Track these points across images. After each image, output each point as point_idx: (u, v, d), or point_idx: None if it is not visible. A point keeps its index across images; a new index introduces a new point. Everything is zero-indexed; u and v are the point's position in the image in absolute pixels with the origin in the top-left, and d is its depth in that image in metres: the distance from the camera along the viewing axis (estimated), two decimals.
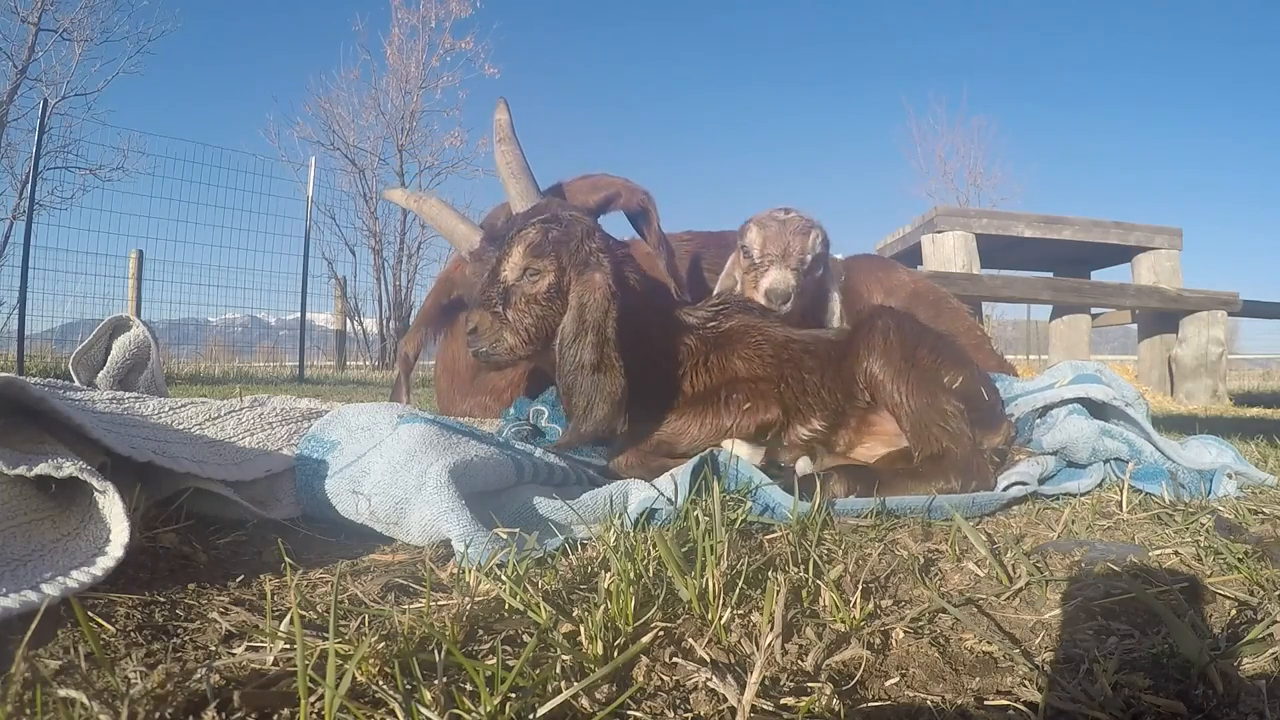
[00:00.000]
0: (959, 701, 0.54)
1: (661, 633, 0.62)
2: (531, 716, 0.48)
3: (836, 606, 0.67)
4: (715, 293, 1.80)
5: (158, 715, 0.46)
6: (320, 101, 12.76)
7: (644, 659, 0.57)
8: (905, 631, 0.65)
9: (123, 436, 0.87)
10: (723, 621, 0.63)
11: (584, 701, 0.50)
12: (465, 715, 0.47)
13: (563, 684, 0.51)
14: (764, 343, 1.34)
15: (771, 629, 0.60)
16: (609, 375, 1.20)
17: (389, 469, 0.90)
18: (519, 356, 1.29)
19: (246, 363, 9.04)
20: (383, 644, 0.55)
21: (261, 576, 0.75)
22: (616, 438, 1.28)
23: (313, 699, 0.48)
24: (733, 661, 0.59)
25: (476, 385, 2.02)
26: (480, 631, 0.62)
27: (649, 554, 0.76)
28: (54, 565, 0.64)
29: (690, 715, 0.51)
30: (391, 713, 0.47)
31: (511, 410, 1.71)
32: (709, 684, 0.53)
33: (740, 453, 1.19)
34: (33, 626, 0.54)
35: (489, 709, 0.47)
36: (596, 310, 1.22)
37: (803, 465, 1.17)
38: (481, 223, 1.90)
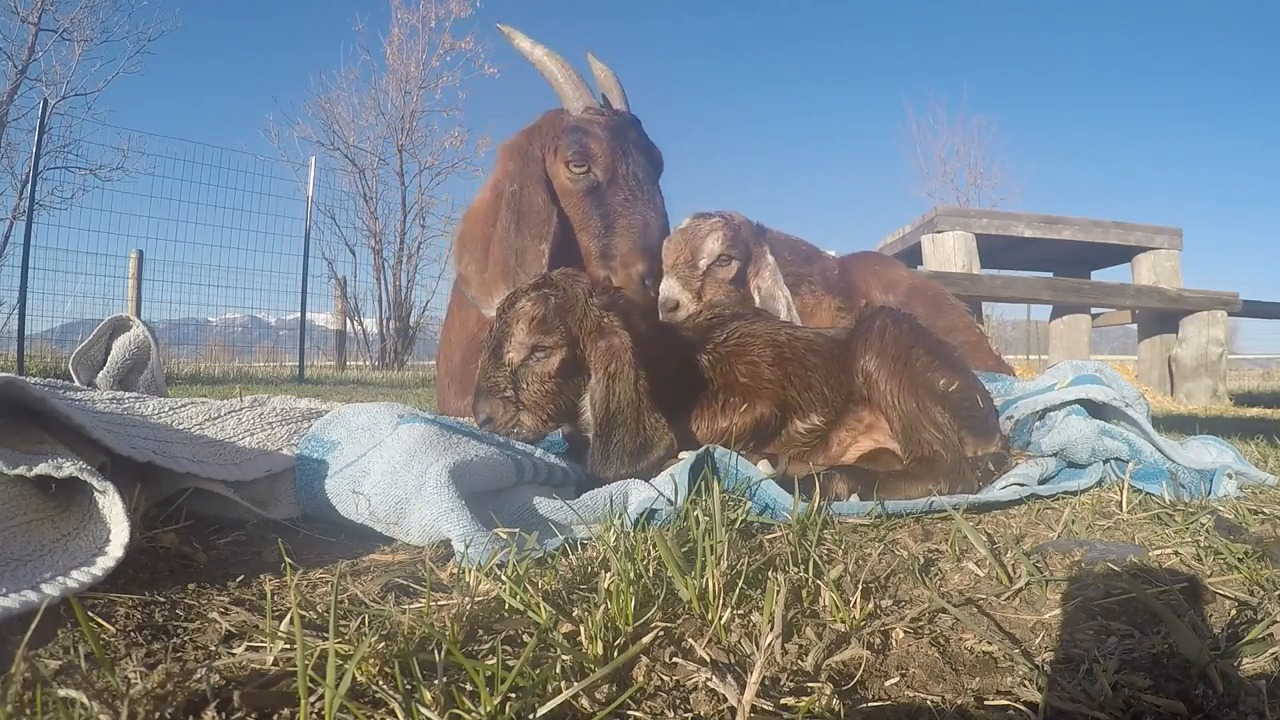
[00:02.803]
0: (959, 701, 0.54)
1: (661, 633, 0.62)
2: (531, 716, 0.48)
3: (836, 606, 0.67)
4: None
5: (158, 715, 0.46)
6: (320, 101, 12.74)
7: (644, 659, 0.57)
8: (905, 631, 0.65)
9: (123, 436, 0.87)
10: (723, 621, 0.63)
11: (584, 701, 0.50)
12: (465, 715, 0.47)
13: (563, 684, 0.51)
14: (764, 347, 1.34)
15: (771, 629, 0.60)
16: (657, 437, 1.15)
17: (389, 469, 0.90)
18: (541, 435, 1.22)
19: (246, 363, 9.04)
20: (383, 644, 0.55)
21: (261, 576, 0.75)
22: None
23: (313, 699, 0.48)
24: (733, 661, 0.59)
25: (471, 383, 2.02)
26: (480, 631, 0.62)
27: (649, 554, 0.76)
28: (54, 565, 0.64)
29: (690, 715, 0.51)
30: (391, 713, 0.47)
31: None
32: (709, 684, 0.53)
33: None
34: (33, 626, 0.54)
35: (489, 709, 0.47)
36: (624, 380, 1.15)
37: (764, 467, 1.17)
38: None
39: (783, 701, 0.52)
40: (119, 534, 0.68)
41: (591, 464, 1.15)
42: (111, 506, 0.70)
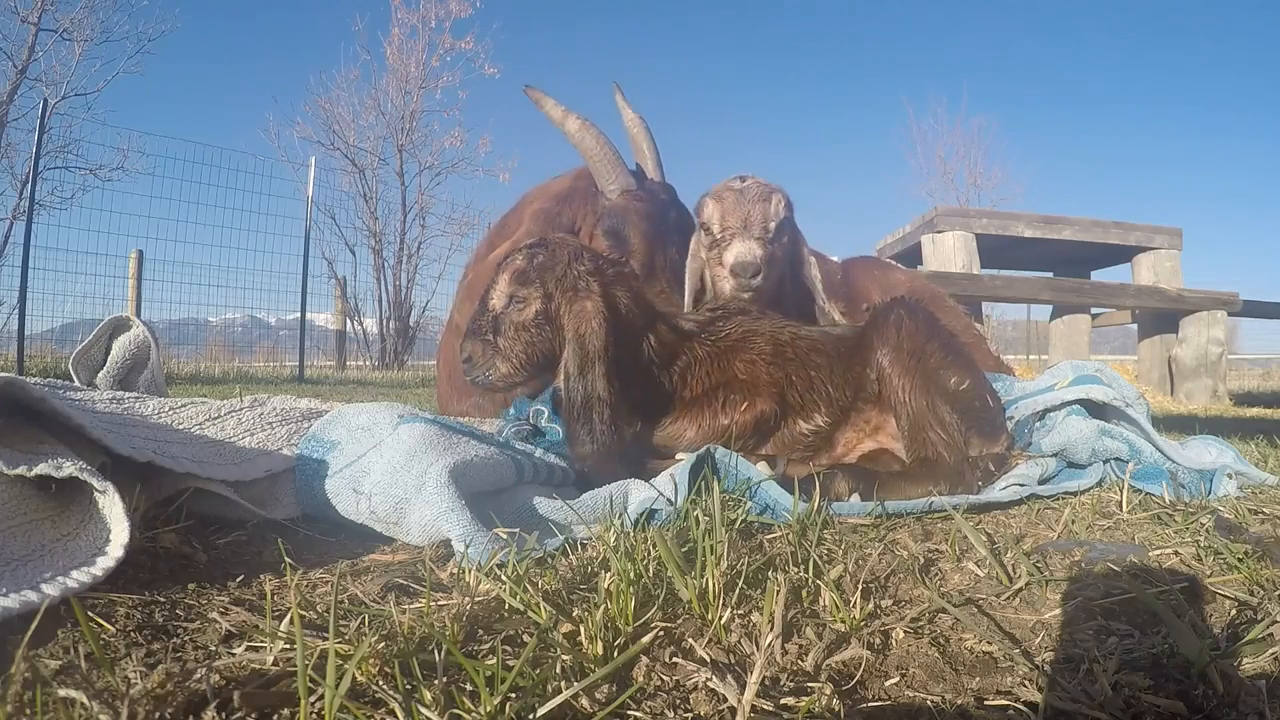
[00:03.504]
0: (959, 701, 0.54)
1: (661, 633, 0.62)
2: (531, 716, 0.48)
3: (836, 606, 0.67)
4: (687, 278, 1.77)
5: (158, 715, 0.46)
6: (320, 101, 12.72)
7: (644, 659, 0.57)
8: (905, 631, 0.65)
9: (123, 436, 0.87)
10: (723, 621, 0.63)
11: (584, 701, 0.50)
12: (465, 715, 0.47)
13: (563, 684, 0.51)
14: (766, 344, 1.33)
15: (771, 629, 0.60)
16: (617, 401, 1.19)
17: (389, 469, 0.90)
18: (514, 383, 1.29)
19: (246, 363, 9.04)
20: (383, 644, 0.55)
21: (261, 576, 0.75)
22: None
23: (313, 699, 0.48)
24: (733, 661, 0.59)
25: (471, 386, 2.02)
26: (480, 631, 0.62)
27: (649, 554, 0.76)
28: (54, 565, 0.64)
29: (690, 715, 0.51)
30: (391, 713, 0.47)
31: (511, 410, 1.71)
32: (709, 684, 0.53)
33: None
34: (33, 626, 0.54)
35: (489, 709, 0.47)
36: (595, 340, 1.19)
37: (763, 469, 1.16)
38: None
39: (783, 701, 0.52)
40: (119, 534, 0.68)
41: (565, 426, 1.20)
42: (111, 506, 0.70)
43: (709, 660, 0.57)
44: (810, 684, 0.55)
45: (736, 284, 1.49)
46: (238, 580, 0.73)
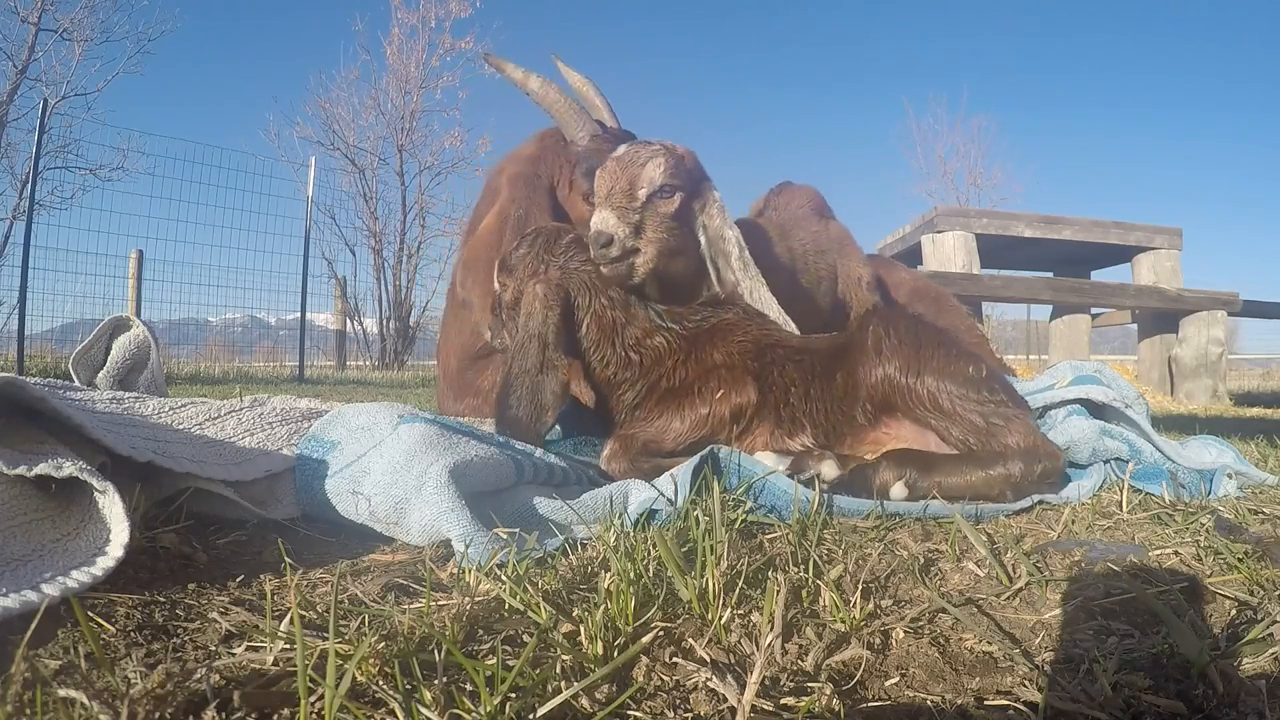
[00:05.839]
0: (959, 701, 0.54)
1: (661, 633, 0.62)
2: (531, 716, 0.48)
3: (836, 606, 0.67)
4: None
5: (158, 715, 0.46)
6: (320, 101, 12.72)
7: (644, 659, 0.57)
8: (905, 631, 0.65)
9: (123, 436, 0.87)
10: (723, 621, 0.63)
11: (584, 701, 0.50)
12: (465, 715, 0.47)
13: (563, 684, 0.51)
14: (746, 341, 1.33)
15: (771, 629, 0.60)
16: (549, 375, 1.29)
17: (389, 469, 0.90)
18: None
19: (246, 363, 9.04)
20: (383, 644, 0.55)
21: (261, 576, 0.75)
22: (603, 440, 1.29)
23: (313, 699, 0.48)
24: (733, 661, 0.59)
25: (466, 387, 2.03)
26: (480, 631, 0.62)
27: (649, 554, 0.76)
28: (54, 565, 0.64)
29: (690, 715, 0.51)
30: (391, 713, 0.47)
31: None
32: (709, 684, 0.53)
33: (767, 461, 1.14)
34: (33, 626, 0.54)
35: (489, 709, 0.47)
36: (534, 318, 1.32)
37: (828, 470, 1.13)
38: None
39: (783, 701, 0.52)
40: (119, 534, 0.68)
41: (497, 398, 1.32)
42: (111, 506, 0.70)
43: (709, 660, 0.58)
44: (810, 684, 0.55)
45: (595, 256, 1.40)
46: (238, 580, 0.73)
